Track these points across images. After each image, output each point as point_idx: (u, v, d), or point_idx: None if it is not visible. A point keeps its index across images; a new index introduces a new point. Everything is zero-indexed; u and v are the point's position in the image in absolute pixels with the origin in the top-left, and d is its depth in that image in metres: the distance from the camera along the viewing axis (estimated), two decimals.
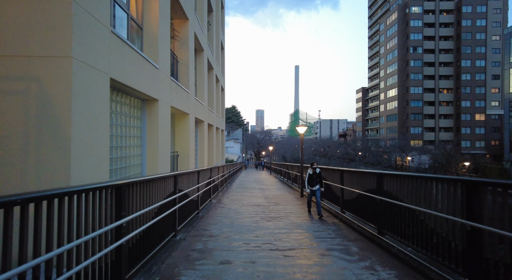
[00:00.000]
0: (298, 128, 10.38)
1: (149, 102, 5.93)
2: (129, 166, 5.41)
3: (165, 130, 6.45)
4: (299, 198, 10.47)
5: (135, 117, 5.64)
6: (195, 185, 6.51)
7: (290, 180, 15.61)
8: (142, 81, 5.26)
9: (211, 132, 15.08)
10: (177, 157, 8.79)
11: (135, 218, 3.15)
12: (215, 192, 10.30)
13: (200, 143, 11.92)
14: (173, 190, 4.79)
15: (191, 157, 9.26)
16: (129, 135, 5.46)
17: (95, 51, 3.80)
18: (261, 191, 12.64)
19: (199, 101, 11.04)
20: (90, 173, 3.66)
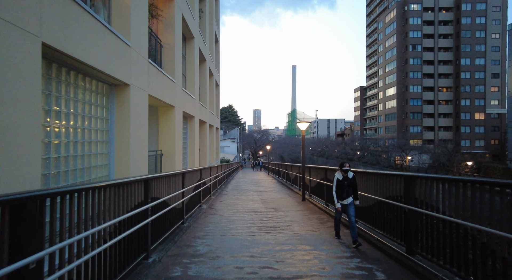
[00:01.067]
0: (299, 124, 9.31)
1: (119, 89, 4.77)
2: (89, 167, 4.28)
3: (140, 123, 5.31)
4: (301, 202, 9.39)
5: (99, 106, 4.50)
6: (179, 190, 5.40)
7: (290, 181, 14.53)
8: (105, 59, 4.12)
9: (204, 129, 13.94)
10: (160, 157, 7.67)
11: (72, 247, 2.04)
12: (206, 195, 9.19)
13: (190, 141, 10.78)
14: (144, 198, 3.68)
15: (177, 156, 8.13)
16: (90, 128, 4.32)
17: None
18: (259, 194, 11.54)
19: (188, 93, 9.92)
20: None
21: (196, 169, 7.15)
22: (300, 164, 12.06)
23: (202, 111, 12.81)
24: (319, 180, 8.63)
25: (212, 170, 10.33)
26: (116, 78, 4.39)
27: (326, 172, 7.90)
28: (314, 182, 9.30)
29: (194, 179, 6.98)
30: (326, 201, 7.91)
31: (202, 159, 13.76)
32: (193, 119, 10.90)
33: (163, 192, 4.45)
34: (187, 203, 6.22)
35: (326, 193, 7.87)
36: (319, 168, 8.76)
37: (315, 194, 9.29)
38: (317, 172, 8.90)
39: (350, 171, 4.99)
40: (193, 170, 6.77)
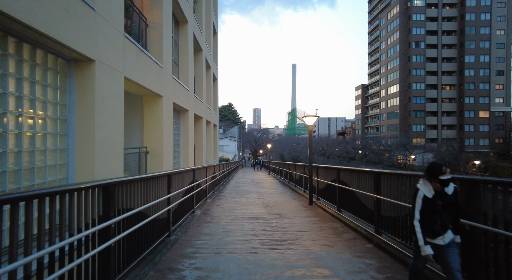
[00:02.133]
0: (306, 119, 8.24)
1: (80, 66, 3.64)
2: (41, 167, 3.21)
3: (113, 112, 4.16)
4: (307, 206, 8.33)
5: (50, 87, 3.40)
6: (163, 196, 4.33)
7: (293, 182, 13.48)
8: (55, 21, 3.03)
9: (200, 125, 12.85)
10: (146, 155, 6.60)
11: None
12: (201, 199, 8.12)
13: (183, 137, 9.71)
14: (103, 212, 2.62)
15: (166, 154, 7.05)
16: (39, 115, 3.25)
17: None
18: (260, 196, 10.48)
19: (180, 83, 8.80)
20: None
21: (187, 169, 6.09)
22: (305, 163, 11.00)
23: (197, 105, 11.73)
24: (329, 182, 7.56)
25: (208, 170, 9.27)
26: (74, 49, 3.29)
27: (339, 173, 6.83)
28: (323, 184, 8.23)
29: (185, 181, 5.91)
30: (338, 206, 6.85)
31: (198, 158, 12.70)
32: (186, 114, 9.81)
33: (137, 201, 3.39)
34: (175, 211, 5.16)
35: (339, 197, 6.81)
36: (330, 168, 7.69)
37: (325, 197, 8.23)
38: (328, 173, 7.83)
39: (451, 183, 2.55)
40: (184, 170, 5.71)
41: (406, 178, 4.02)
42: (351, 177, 6.12)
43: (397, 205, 4.24)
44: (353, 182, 6.02)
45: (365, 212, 5.40)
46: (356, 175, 5.84)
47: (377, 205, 4.86)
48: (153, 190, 3.93)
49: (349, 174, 6.28)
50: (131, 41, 5.02)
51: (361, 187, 5.55)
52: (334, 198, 7.27)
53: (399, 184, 4.23)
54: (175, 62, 9.41)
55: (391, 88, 61.42)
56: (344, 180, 6.57)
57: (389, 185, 4.51)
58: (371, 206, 5.13)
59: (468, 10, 54.27)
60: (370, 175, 5.18)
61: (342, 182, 6.65)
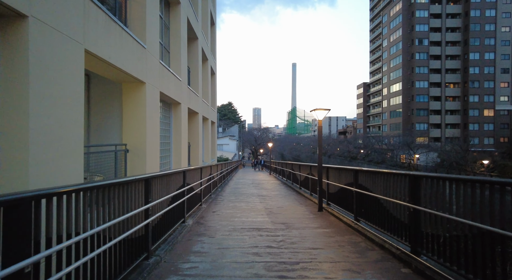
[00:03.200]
0: (316, 112, 7.17)
1: (5, 23, 2.65)
2: None
3: (64, 95, 3.23)
4: (317, 213, 7.27)
5: None
6: (137, 208, 3.28)
7: (297, 183, 12.42)
8: None
9: (195, 122, 11.76)
10: (125, 154, 5.54)
11: None
12: (194, 205, 7.06)
13: (175, 134, 8.63)
14: (18, 248, 1.54)
15: (151, 153, 5.96)
16: None
17: None
18: (262, 200, 9.43)
19: (170, 71, 7.69)
20: None
21: (175, 171, 5.03)
22: (312, 164, 9.95)
23: (192, 99, 10.65)
24: (344, 186, 6.50)
25: (204, 171, 8.21)
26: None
27: (358, 175, 5.77)
28: (336, 188, 7.17)
29: (172, 186, 4.85)
30: (356, 214, 5.79)
31: (193, 157, 11.63)
32: (178, 107, 8.73)
33: (90, 219, 2.32)
34: (157, 224, 4.10)
35: (357, 204, 5.75)
36: (344, 169, 6.62)
37: (337, 203, 7.17)
38: (342, 175, 6.77)
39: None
40: (170, 173, 4.65)
41: (468, 184, 2.95)
42: (374, 180, 5.06)
43: (448, 220, 3.17)
44: (376, 186, 4.96)
45: (395, 225, 4.34)
46: (381, 178, 4.77)
47: (414, 218, 3.80)
48: (121, 202, 2.87)
49: (370, 176, 5.21)
50: (95, 4, 3.91)
51: (389, 193, 4.49)
52: (349, 205, 6.22)
53: (452, 193, 3.16)
54: (166, 49, 8.34)
55: (394, 86, 60.35)
56: (363, 184, 5.51)
57: (435, 192, 3.44)
58: (404, 218, 4.07)
59: (472, 6, 53.19)
60: (402, 179, 4.11)
61: (361, 186, 5.59)
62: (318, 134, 7.40)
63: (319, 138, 7.45)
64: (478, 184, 2.82)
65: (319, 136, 7.43)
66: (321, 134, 7.40)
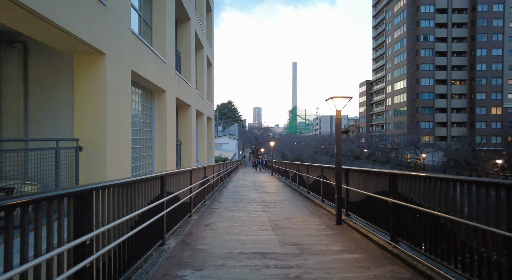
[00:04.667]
0: (335, 100, 5.70)
1: None
2: None
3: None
4: (335, 227, 5.81)
5: None
6: (63, 246, 1.81)
7: (305, 187, 10.96)
8: None
9: (187, 116, 10.24)
10: (76, 152, 4.07)
11: None
12: (181, 217, 5.61)
13: (159, 128, 7.12)
14: None
15: (114, 151, 4.41)
16: None
17: None
18: (265, 207, 7.98)
19: (149, 47, 6.14)
20: None
21: (146, 177, 3.57)
22: (324, 165, 8.51)
23: (183, 89, 9.16)
24: (372, 194, 5.04)
25: (196, 174, 6.77)
26: None
27: (395, 182, 4.30)
28: (359, 196, 5.71)
29: (141, 199, 3.40)
30: (393, 234, 4.33)
31: (185, 157, 10.17)
32: (163, 96, 7.22)
33: None
34: (107, 262, 2.64)
35: (395, 219, 4.30)
36: (372, 172, 5.14)
37: (361, 214, 5.71)
38: (369, 180, 5.29)
39: None
40: (135, 180, 3.19)
41: None
42: (426, 189, 3.59)
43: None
44: (430, 197, 3.50)
45: (467, 256, 2.88)
46: (442, 186, 3.30)
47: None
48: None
49: (418, 183, 3.74)
50: None
51: (460, 212, 3.02)
52: (381, 219, 4.76)
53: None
54: (146, 23, 6.85)
55: (398, 84, 58.81)
56: (406, 194, 4.05)
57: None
58: (488, 249, 2.61)
59: (480, 1, 51.63)
60: (493, 190, 2.65)
61: (402, 196, 4.14)
62: (336, 127, 5.94)
63: (337, 133, 5.99)
64: None
65: (337, 131, 5.96)
66: (339, 127, 5.93)
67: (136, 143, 6.24)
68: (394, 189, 4.31)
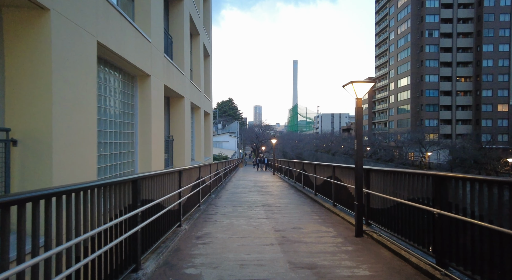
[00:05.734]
0: (356, 86, 4.65)
1: None
2: None
3: None
4: (354, 240, 4.78)
5: None
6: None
7: (311, 188, 9.94)
8: None
9: (179, 108, 9.14)
10: (5, 147, 3.02)
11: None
12: (166, 230, 4.57)
13: (142, 120, 6.04)
14: None
15: (65, 146, 3.13)
16: None
17: None
18: (268, 212, 6.95)
19: (130, 22, 5.06)
20: None
21: (109, 182, 2.54)
22: (336, 164, 7.48)
23: (173, 76, 8.06)
24: (405, 201, 3.99)
25: (186, 175, 5.74)
26: None
27: (445, 186, 3.25)
28: (385, 202, 4.66)
29: (95, 214, 2.37)
30: (440, 256, 3.29)
31: (178, 155, 9.13)
32: (147, 82, 6.07)
33: None
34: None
35: (444, 236, 3.25)
36: (402, 173, 4.08)
37: (386, 225, 4.66)
38: (399, 183, 4.23)
39: None
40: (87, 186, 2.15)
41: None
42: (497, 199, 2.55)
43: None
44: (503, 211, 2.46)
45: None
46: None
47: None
48: None
49: (482, 190, 2.69)
50: None
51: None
52: (418, 232, 3.73)
53: None
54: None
55: (402, 81, 57.60)
56: (460, 203, 3.01)
57: None
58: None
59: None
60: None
61: (454, 206, 3.09)
62: (357, 119, 4.88)
63: (358, 125, 4.93)
64: None
65: (357, 124, 4.91)
66: (360, 119, 4.88)
67: (112, 137, 5.19)
68: (443, 197, 3.27)
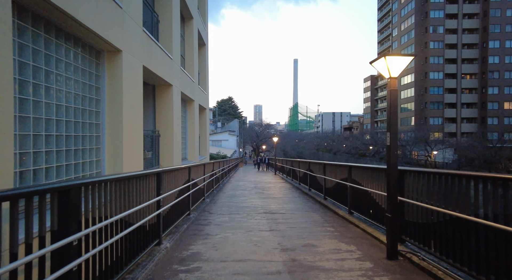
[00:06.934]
0: (390, 61, 3.47)
1: None
2: None
3: None
4: (387, 263, 3.60)
5: None
6: None
7: (320, 191, 8.77)
8: None
9: (167, 99, 7.86)
10: None
11: None
12: (140, 249, 3.38)
13: (112, 108, 4.78)
14: None
15: None
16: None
17: None
18: (272, 222, 5.77)
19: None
20: None
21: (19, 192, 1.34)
22: (352, 164, 6.31)
23: (158, 58, 6.78)
24: (471, 218, 2.81)
25: (169, 178, 4.57)
26: None
27: None
28: (432, 215, 3.48)
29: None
30: None
31: (166, 154, 7.93)
32: (117, 59, 4.71)
33: None
34: None
35: None
36: (460, 176, 2.89)
37: (429, 244, 3.48)
38: (456, 188, 3.04)
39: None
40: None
41: None
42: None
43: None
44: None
45: None
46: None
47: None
48: None
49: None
50: None
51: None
52: (488, 259, 2.55)
53: None
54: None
55: (405, 78, 56.32)
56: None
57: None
58: None
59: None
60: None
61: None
62: (390, 106, 3.71)
63: (392, 112, 3.75)
64: None
65: (391, 110, 3.73)
66: (395, 103, 3.71)
67: (66, 128, 4.00)
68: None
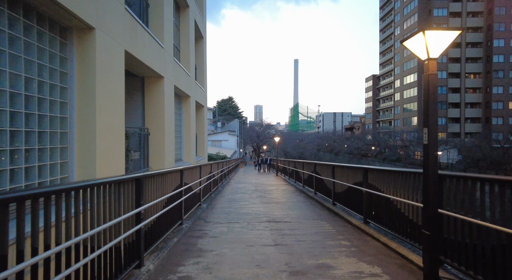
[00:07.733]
0: (429, 36, 2.69)
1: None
2: None
3: None
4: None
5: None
6: None
7: (328, 196, 7.96)
8: None
9: (158, 93, 7.02)
10: None
11: None
12: (116, 274, 2.56)
13: (83, 98, 3.85)
14: None
15: None
16: None
17: None
18: (277, 237, 4.98)
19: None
20: None
21: None
22: (368, 166, 5.50)
23: (146, 46, 5.93)
24: None
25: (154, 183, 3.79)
26: None
27: None
28: (489, 234, 2.67)
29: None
30: None
31: (157, 155, 7.13)
32: (90, 39, 3.77)
33: None
34: None
35: None
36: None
37: (483, 272, 2.67)
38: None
39: None
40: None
41: None
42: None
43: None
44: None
45: None
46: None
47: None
48: None
49: None
50: None
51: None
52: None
53: None
54: None
55: (408, 77, 55.53)
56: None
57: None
58: None
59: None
60: None
61: None
62: (428, 94, 2.90)
63: (429, 106, 2.94)
64: None
65: (428, 97, 2.93)
66: (435, 93, 2.91)
67: (19, 122, 3.18)
68: None
